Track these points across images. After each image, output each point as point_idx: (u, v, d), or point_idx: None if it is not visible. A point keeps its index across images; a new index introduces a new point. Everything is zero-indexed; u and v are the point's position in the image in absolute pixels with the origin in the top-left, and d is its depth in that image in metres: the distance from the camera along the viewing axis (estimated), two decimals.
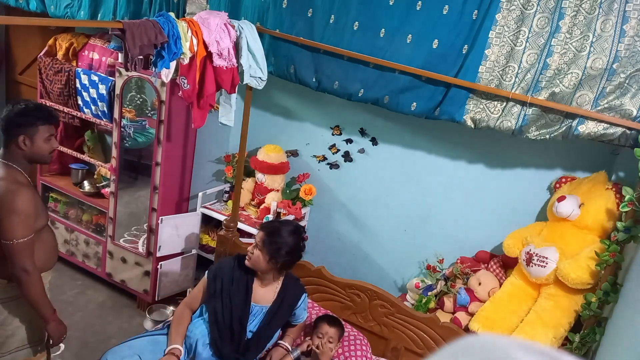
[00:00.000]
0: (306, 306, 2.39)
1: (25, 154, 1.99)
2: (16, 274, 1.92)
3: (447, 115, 2.54)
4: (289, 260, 2.21)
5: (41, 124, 2.00)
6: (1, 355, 2.11)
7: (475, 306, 2.56)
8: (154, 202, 3.24)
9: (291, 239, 2.17)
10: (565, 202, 2.39)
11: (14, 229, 1.87)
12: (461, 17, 2.42)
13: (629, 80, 2.17)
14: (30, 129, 1.97)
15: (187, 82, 2.35)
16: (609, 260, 2.11)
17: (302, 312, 2.36)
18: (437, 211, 2.98)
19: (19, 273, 1.92)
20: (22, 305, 2.06)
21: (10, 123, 1.97)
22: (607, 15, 2.16)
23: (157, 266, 3.22)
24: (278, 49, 2.89)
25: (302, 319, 2.39)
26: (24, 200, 1.90)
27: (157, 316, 3.33)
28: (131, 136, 3.43)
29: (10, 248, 1.88)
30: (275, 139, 3.38)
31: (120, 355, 2.15)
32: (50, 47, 3.64)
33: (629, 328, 1.79)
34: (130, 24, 1.98)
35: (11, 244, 1.88)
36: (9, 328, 2.09)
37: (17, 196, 1.88)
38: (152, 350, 2.20)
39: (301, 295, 2.33)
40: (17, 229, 1.88)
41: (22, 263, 1.91)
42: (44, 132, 2.01)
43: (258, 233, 2.23)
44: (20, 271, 1.91)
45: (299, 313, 2.35)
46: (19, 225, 1.88)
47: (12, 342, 2.12)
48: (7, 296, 2.04)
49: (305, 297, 2.35)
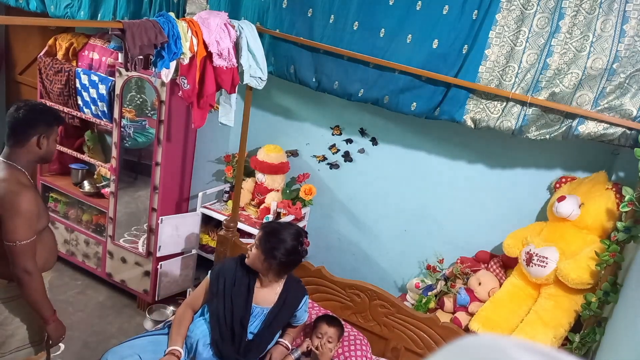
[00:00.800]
0: (307, 308, 2.39)
1: (40, 153, 2.01)
2: (18, 275, 1.91)
3: (447, 115, 2.54)
4: (285, 262, 2.16)
5: (57, 124, 2.05)
6: (2, 355, 2.10)
7: (475, 306, 2.56)
8: (154, 202, 3.24)
9: (289, 241, 2.14)
10: (565, 202, 2.39)
11: (17, 230, 1.87)
12: (461, 17, 2.42)
13: (629, 80, 2.17)
14: (48, 129, 2.00)
15: (187, 82, 2.35)
16: (609, 260, 2.11)
17: (302, 313, 2.36)
18: (437, 211, 2.98)
19: (21, 274, 1.91)
20: (22, 305, 2.06)
21: (27, 123, 1.96)
22: (607, 15, 2.16)
23: (157, 266, 3.22)
24: (278, 49, 2.89)
25: (303, 321, 2.39)
26: (27, 202, 1.89)
27: (157, 316, 3.33)
28: (131, 136, 3.43)
29: (13, 249, 1.88)
30: (275, 139, 3.38)
31: (121, 355, 2.15)
32: (50, 47, 3.64)
33: (629, 328, 1.79)
34: (130, 24, 1.98)
35: (14, 246, 1.87)
36: (9, 328, 2.09)
37: (20, 198, 1.88)
38: (152, 350, 2.19)
39: (302, 298, 2.32)
40: (20, 230, 1.87)
41: (24, 264, 1.90)
42: (56, 133, 2.06)
43: (258, 232, 2.23)
44: (22, 272, 1.91)
45: (300, 315, 2.35)
46: (22, 227, 1.87)
47: (13, 342, 2.12)
48: (8, 296, 2.04)
49: (306, 299, 2.35)
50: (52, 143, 2.04)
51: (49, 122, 2.00)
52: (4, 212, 1.86)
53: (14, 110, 1.99)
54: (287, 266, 2.21)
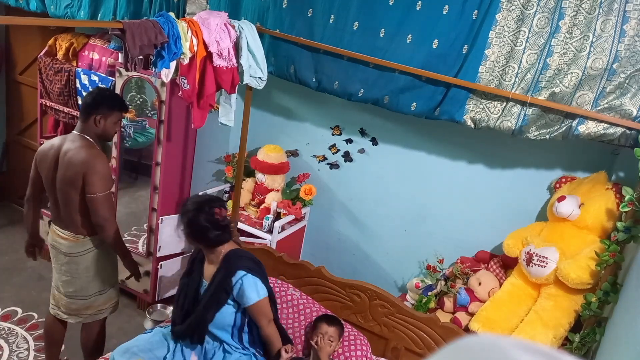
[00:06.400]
0: (253, 287, 2.15)
1: (97, 131, 2.40)
2: (99, 222, 2.36)
3: (447, 115, 2.54)
4: (190, 233, 2.15)
5: (117, 109, 2.44)
6: (86, 297, 2.54)
7: (475, 306, 2.56)
8: (154, 202, 3.24)
9: (191, 211, 2.13)
10: (565, 202, 2.39)
11: (97, 184, 2.30)
12: (461, 17, 2.42)
13: (629, 80, 2.17)
14: (107, 112, 2.39)
15: (187, 82, 2.35)
16: (609, 260, 2.11)
17: (247, 292, 2.13)
18: (437, 211, 2.98)
19: (102, 221, 2.35)
20: (98, 255, 2.50)
21: (91, 103, 2.38)
22: (607, 15, 2.16)
23: (157, 266, 3.22)
24: (278, 49, 2.89)
25: (252, 301, 2.15)
26: (102, 163, 2.33)
27: (157, 316, 3.33)
28: (131, 136, 3.43)
29: (94, 200, 2.31)
30: (275, 139, 3.38)
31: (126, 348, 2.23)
32: (50, 47, 3.64)
33: (629, 328, 1.79)
34: (130, 24, 1.99)
35: (95, 197, 2.31)
36: (89, 274, 2.50)
37: (97, 159, 2.32)
38: (159, 340, 2.30)
39: (233, 275, 2.14)
40: (99, 184, 2.31)
41: (103, 212, 2.34)
42: (116, 117, 2.44)
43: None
44: (102, 219, 2.35)
45: (242, 294, 2.14)
46: (100, 182, 2.31)
47: (93, 286, 2.53)
48: (86, 248, 2.47)
49: (243, 276, 2.14)
50: (110, 125, 2.42)
51: (109, 106, 2.40)
52: (86, 170, 2.29)
53: (88, 93, 2.50)
54: (197, 237, 2.17)
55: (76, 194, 2.35)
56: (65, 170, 2.33)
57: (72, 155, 2.32)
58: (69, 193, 2.36)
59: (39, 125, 3.83)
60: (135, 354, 2.20)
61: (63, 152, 2.35)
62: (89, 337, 2.67)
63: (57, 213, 2.46)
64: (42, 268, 3.70)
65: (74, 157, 2.31)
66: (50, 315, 2.66)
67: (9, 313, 3.33)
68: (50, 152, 2.40)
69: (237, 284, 2.15)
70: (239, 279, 2.14)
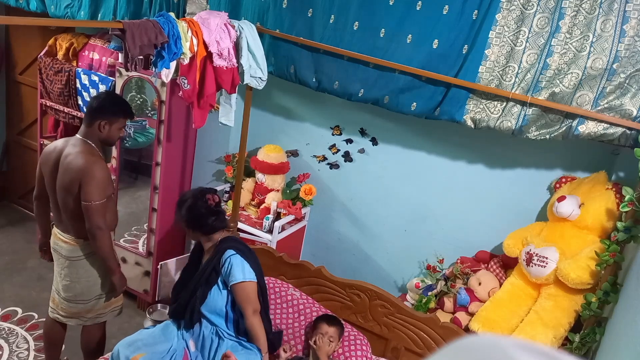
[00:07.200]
0: (239, 267, 2.26)
1: (101, 136, 2.39)
2: (92, 231, 2.31)
3: (447, 115, 2.54)
4: (189, 219, 2.30)
5: (122, 116, 2.42)
6: (86, 301, 2.52)
7: (475, 306, 2.56)
8: (154, 202, 3.24)
9: (189, 200, 2.31)
10: (565, 202, 2.39)
11: (93, 192, 2.26)
12: (461, 17, 2.42)
13: (629, 80, 2.17)
14: (111, 117, 2.37)
15: (187, 82, 2.35)
16: (609, 260, 2.11)
17: (233, 270, 2.25)
18: (437, 211, 2.98)
19: (94, 229, 2.30)
20: (97, 259, 2.46)
21: (96, 108, 2.37)
22: (607, 15, 2.16)
23: (157, 266, 3.22)
24: (278, 49, 2.89)
25: (237, 279, 2.25)
26: (100, 170, 2.30)
27: (157, 316, 3.33)
28: (131, 136, 3.43)
29: (89, 208, 2.27)
30: (275, 139, 3.38)
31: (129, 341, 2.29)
32: (50, 47, 3.64)
33: (629, 328, 1.79)
34: (130, 24, 1.99)
35: (90, 205, 2.27)
36: (90, 279, 2.49)
37: (95, 166, 2.28)
38: (162, 334, 2.37)
39: (223, 252, 2.28)
40: (95, 192, 2.27)
41: (97, 221, 2.29)
42: (121, 123, 2.42)
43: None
44: (95, 228, 2.30)
45: (229, 272, 2.25)
46: (96, 190, 2.27)
47: (93, 291, 2.52)
48: (87, 252, 2.45)
49: (232, 255, 2.27)
50: (115, 131, 2.41)
51: (114, 112, 2.38)
52: (83, 177, 2.26)
53: (94, 97, 2.48)
54: (195, 224, 2.32)
55: (72, 200, 2.33)
56: (63, 175, 2.32)
57: (71, 161, 2.30)
58: (66, 198, 2.35)
59: (39, 125, 3.83)
60: (139, 348, 2.23)
61: (64, 156, 2.34)
62: (89, 340, 2.66)
63: (59, 216, 2.45)
64: (42, 268, 3.70)
65: (72, 162, 2.29)
66: (49, 318, 2.66)
67: (9, 313, 3.33)
68: (52, 155, 2.39)
69: (225, 263, 2.27)
70: (227, 257, 2.28)
